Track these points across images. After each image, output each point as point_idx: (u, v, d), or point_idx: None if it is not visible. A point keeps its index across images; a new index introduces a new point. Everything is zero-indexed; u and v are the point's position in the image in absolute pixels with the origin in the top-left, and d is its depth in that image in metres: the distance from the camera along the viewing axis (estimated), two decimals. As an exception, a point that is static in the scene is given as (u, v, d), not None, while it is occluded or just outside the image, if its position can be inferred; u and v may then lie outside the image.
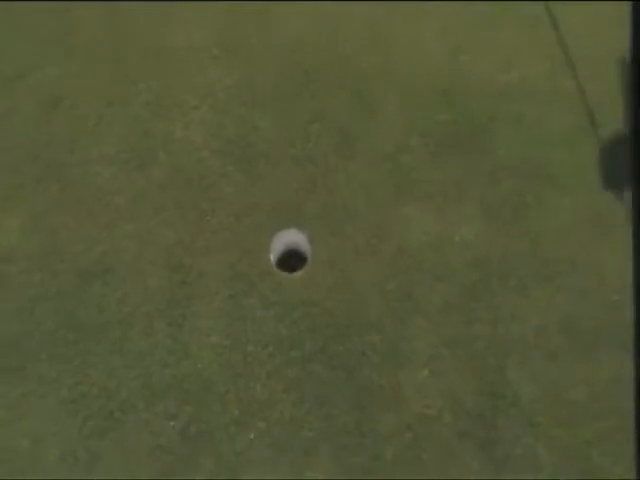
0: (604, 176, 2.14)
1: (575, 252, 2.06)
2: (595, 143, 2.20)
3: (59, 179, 2.32)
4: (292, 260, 2.16)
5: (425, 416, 1.87)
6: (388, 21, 2.47)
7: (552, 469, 1.82)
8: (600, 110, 2.21)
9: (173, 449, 1.91)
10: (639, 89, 1.03)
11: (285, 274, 2.12)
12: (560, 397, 1.90)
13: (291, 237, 2.17)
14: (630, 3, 1.00)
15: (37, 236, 2.24)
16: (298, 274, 2.11)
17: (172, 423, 1.94)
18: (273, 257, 2.14)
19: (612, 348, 1.94)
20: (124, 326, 2.09)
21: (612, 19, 2.29)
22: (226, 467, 1.88)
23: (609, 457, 1.81)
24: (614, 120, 2.18)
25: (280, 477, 1.85)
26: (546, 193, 2.14)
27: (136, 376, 2.02)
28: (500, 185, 2.16)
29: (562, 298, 2.00)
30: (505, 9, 2.44)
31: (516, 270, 2.04)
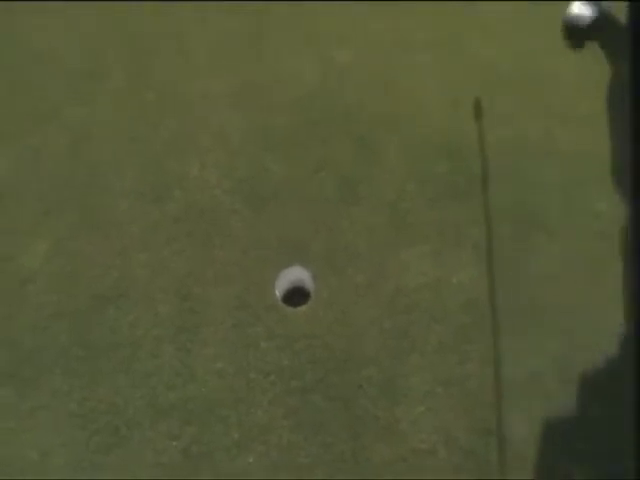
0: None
1: (567, 297, 2.20)
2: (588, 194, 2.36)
3: (80, 208, 2.47)
4: (296, 296, 2.30)
5: (420, 450, 1.98)
6: (393, 75, 2.67)
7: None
8: (594, 163, 2.39)
9: (174, 468, 2.01)
10: (639, 92, 1.10)
11: (289, 308, 2.25)
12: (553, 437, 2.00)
13: (295, 274, 2.31)
14: (629, 4, 1.07)
15: (58, 260, 2.38)
16: (301, 309, 2.25)
17: (175, 443, 2.04)
18: (278, 292, 2.28)
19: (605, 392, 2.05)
20: (134, 347, 2.21)
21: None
22: (225, 487, 1.98)
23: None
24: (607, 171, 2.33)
25: (277, 499, 1.95)
26: (539, 239, 2.30)
27: (142, 395, 2.12)
28: (495, 231, 2.32)
29: (554, 342, 2.13)
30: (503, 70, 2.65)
31: (508, 313, 2.17)
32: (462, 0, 2.77)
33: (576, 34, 2.71)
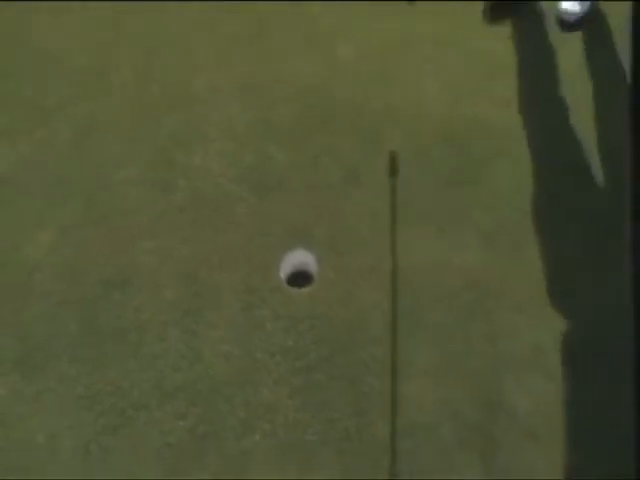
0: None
1: (570, 276, 2.22)
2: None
3: (86, 199, 2.51)
4: (300, 278, 2.31)
5: (424, 424, 1.98)
6: (394, 69, 2.73)
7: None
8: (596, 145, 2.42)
9: (181, 447, 2.01)
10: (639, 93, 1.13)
11: (293, 290, 2.27)
12: (557, 412, 2.00)
13: (299, 257, 2.33)
14: (630, 3, 1.09)
15: (63, 249, 2.41)
16: (305, 290, 2.27)
17: (181, 423, 2.05)
18: (283, 274, 2.30)
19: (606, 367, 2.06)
20: (140, 332, 2.22)
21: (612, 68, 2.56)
22: (232, 466, 1.98)
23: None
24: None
25: (284, 477, 1.94)
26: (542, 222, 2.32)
27: (149, 378, 2.13)
28: (497, 214, 2.34)
29: (558, 318, 2.14)
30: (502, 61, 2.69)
31: (512, 291, 2.19)
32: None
33: (567, 28, 2.76)
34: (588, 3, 2.74)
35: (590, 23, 2.77)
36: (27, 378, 2.17)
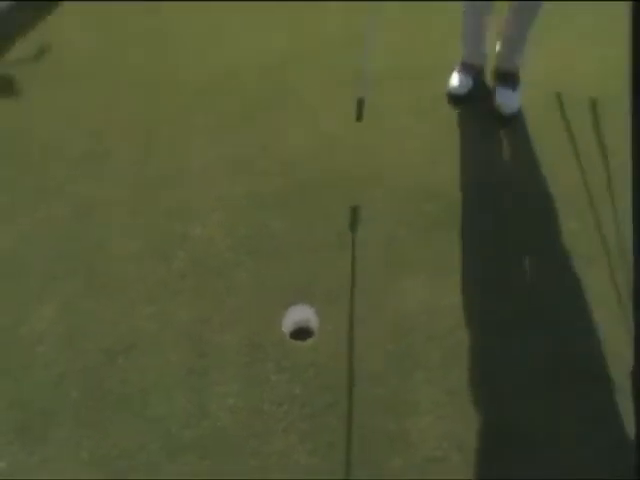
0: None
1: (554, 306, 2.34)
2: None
3: (87, 272, 2.59)
4: (302, 332, 2.38)
5: (433, 457, 2.00)
6: (376, 141, 2.96)
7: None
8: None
9: (192, 503, 1.97)
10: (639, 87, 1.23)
11: (296, 342, 2.33)
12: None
13: (300, 312, 2.41)
14: (630, 3, 1.21)
15: (65, 321, 2.45)
16: (308, 342, 2.33)
17: (192, 478, 2.02)
18: (285, 329, 2.37)
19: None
20: (145, 395, 2.22)
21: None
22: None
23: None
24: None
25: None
26: (521, 260, 2.50)
27: (156, 438, 2.11)
28: (481, 257, 2.49)
29: (547, 342, 2.23)
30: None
31: (497, 325, 2.31)
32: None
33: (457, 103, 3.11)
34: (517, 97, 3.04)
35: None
36: (29, 447, 2.13)
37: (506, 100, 3.04)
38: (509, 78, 3.08)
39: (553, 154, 2.89)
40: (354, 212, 2.68)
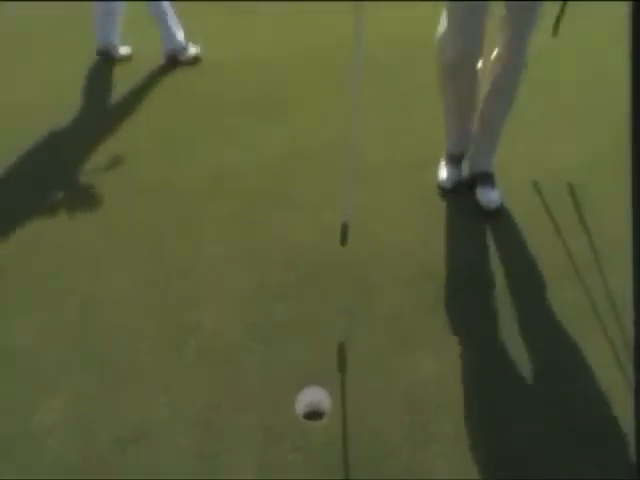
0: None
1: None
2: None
3: (100, 365, 2.62)
4: (315, 413, 2.40)
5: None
6: (374, 227, 3.15)
7: None
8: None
9: None
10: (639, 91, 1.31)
11: (309, 422, 2.34)
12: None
13: (312, 393, 2.44)
14: (630, 3, 1.29)
15: (76, 412, 2.45)
16: (321, 422, 2.34)
17: None
18: (298, 411, 2.38)
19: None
20: (158, 481, 2.20)
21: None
22: None
23: None
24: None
25: None
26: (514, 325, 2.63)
27: (169, 523, 2.07)
28: (479, 327, 2.61)
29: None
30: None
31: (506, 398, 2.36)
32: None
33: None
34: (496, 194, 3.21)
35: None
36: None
37: (488, 197, 3.20)
38: (486, 178, 3.24)
39: (537, 236, 3.07)
40: (342, 352, 2.66)
